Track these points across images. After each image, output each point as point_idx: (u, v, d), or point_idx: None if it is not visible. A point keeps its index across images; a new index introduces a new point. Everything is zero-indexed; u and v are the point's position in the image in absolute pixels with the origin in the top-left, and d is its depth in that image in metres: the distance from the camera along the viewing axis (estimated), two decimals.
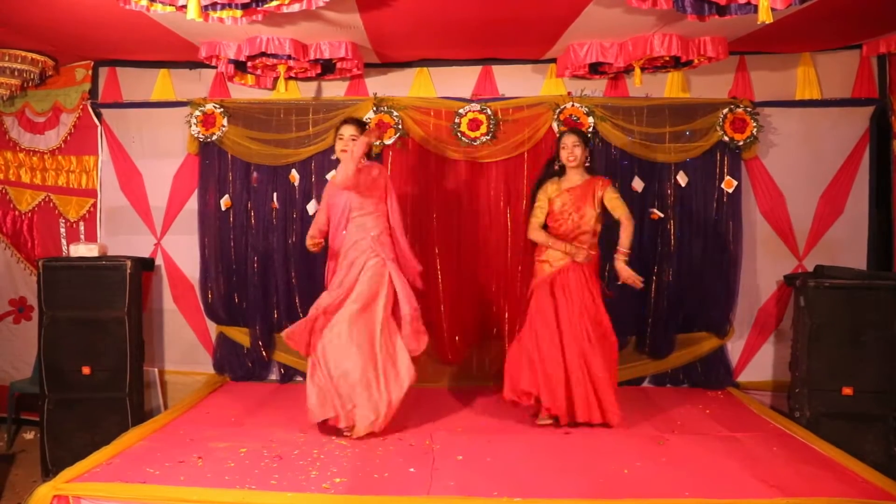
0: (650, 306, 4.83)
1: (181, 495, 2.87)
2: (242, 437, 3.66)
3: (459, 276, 4.87)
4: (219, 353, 5.00)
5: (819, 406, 4.03)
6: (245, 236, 4.92)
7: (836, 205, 4.80)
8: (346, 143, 3.83)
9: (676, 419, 4.11)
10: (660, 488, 3.03)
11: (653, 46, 4.15)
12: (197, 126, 4.82)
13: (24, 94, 5.05)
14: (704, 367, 4.87)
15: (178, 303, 5.04)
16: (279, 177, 4.88)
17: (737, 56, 4.76)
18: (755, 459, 3.40)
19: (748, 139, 4.69)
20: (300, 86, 4.96)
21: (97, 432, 4.06)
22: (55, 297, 4.22)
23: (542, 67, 4.89)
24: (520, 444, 3.65)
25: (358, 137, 3.81)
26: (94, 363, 4.21)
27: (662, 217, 4.79)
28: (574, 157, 3.98)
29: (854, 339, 4.03)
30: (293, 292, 4.90)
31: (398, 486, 3.05)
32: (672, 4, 3.34)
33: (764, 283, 4.87)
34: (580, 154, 3.99)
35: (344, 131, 3.88)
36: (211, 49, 4.33)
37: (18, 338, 5.06)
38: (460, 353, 4.88)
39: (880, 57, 4.73)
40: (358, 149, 3.74)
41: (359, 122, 4.01)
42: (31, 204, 5.13)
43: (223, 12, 3.44)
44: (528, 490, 2.99)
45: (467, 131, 4.76)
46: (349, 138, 3.83)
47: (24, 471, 4.30)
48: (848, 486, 3.04)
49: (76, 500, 2.86)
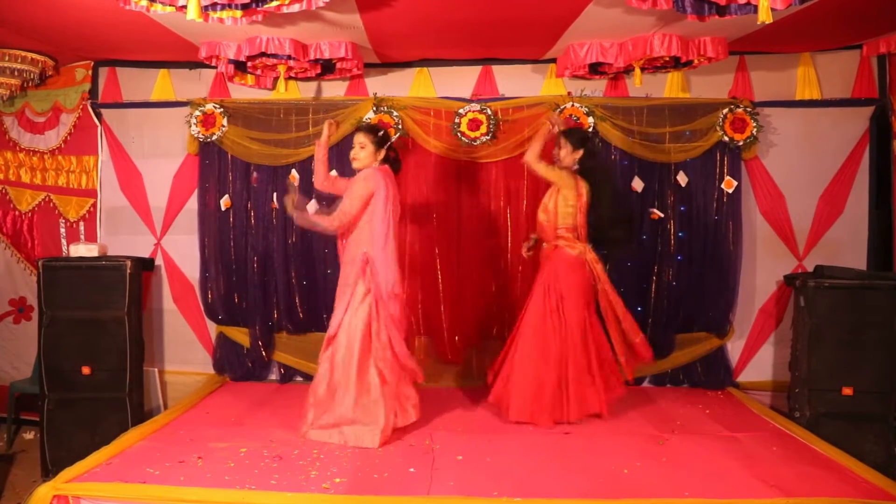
0: (650, 306, 4.83)
1: (181, 495, 2.88)
2: (242, 438, 3.66)
3: (459, 276, 4.87)
4: (219, 353, 5.00)
5: (819, 406, 4.03)
6: (245, 236, 4.92)
7: (836, 205, 4.80)
8: (355, 150, 3.85)
9: (676, 419, 4.11)
10: (660, 488, 3.04)
11: (653, 46, 4.14)
12: (197, 126, 4.82)
13: (24, 94, 5.05)
14: (704, 368, 4.87)
15: (177, 303, 5.04)
16: (279, 177, 4.88)
17: (737, 56, 4.76)
18: (755, 459, 3.40)
19: (748, 139, 4.69)
20: (300, 86, 4.96)
21: (97, 432, 4.07)
22: (55, 297, 4.22)
23: (542, 67, 4.89)
24: (520, 443, 3.65)
25: (367, 145, 3.81)
26: (93, 363, 4.21)
27: (662, 217, 4.79)
28: (556, 159, 3.98)
29: (854, 340, 4.03)
30: (293, 292, 4.90)
31: (398, 486, 3.05)
32: (672, 4, 3.34)
33: (764, 283, 4.87)
34: (558, 153, 3.98)
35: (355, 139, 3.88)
36: (211, 49, 4.33)
37: (18, 338, 5.07)
38: (460, 353, 4.87)
39: (880, 57, 4.73)
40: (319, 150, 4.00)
41: (371, 129, 3.92)
42: (31, 204, 5.13)
43: (223, 13, 3.44)
44: (528, 490, 3.00)
45: (467, 131, 4.76)
46: (358, 146, 3.84)
47: (23, 471, 4.30)
48: (848, 486, 3.04)
49: (76, 500, 2.87)
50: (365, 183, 3.71)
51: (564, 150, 3.99)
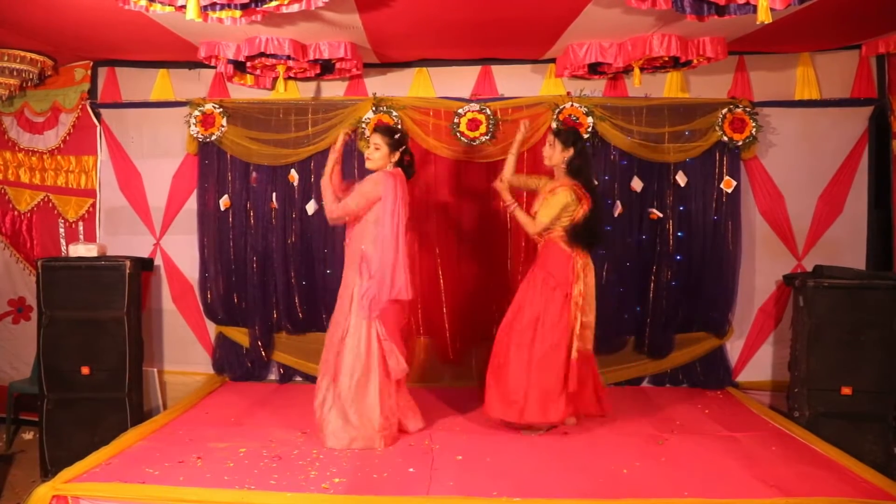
0: (649, 306, 4.83)
1: (180, 495, 2.88)
2: (242, 438, 3.66)
3: (460, 276, 4.87)
4: (218, 353, 5.00)
5: (818, 406, 4.03)
6: (244, 236, 4.92)
7: (835, 205, 4.81)
8: (370, 151, 3.78)
9: (676, 419, 4.12)
10: (659, 488, 3.04)
11: (652, 47, 4.14)
12: (196, 126, 4.81)
13: (23, 94, 5.04)
14: (704, 367, 4.87)
15: (177, 303, 5.04)
16: (278, 177, 4.88)
17: (736, 56, 4.76)
18: (754, 459, 3.41)
19: (747, 139, 4.69)
20: (299, 86, 4.96)
21: (96, 432, 4.06)
22: (54, 297, 4.21)
23: (542, 67, 4.89)
24: (519, 443, 3.66)
25: (381, 147, 3.74)
26: (93, 363, 4.20)
27: (661, 217, 4.79)
28: (546, 157, 3.94)
29: (853, 339, 4.03)
30: (292, 292, 4.90)
31: (397, 486, 3.05)
32: (671, 4, 3.33)
33: (763, 283, 4.87)
34: (549, 152, 3.90)
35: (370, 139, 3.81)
36: (210, 49, 4.33)
37: (17, 338, 5.06)
38: (460, 353, 4.87)
39: (879, 57, 4.73)
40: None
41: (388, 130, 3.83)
42: (31, 204, 5.12)
43: (222, 13, 3.44)
44: (528, 490, 3.00)
45: (466, 131, 4.75)
46: (373, 147, 3.77)
47: (23, 471, 4.29)
48: (847, 486, 3.05)
49: (75, 500, 2.87)
50: (375, 186, 3.67)
51: (552, 147, 3.93)
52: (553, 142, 3.90)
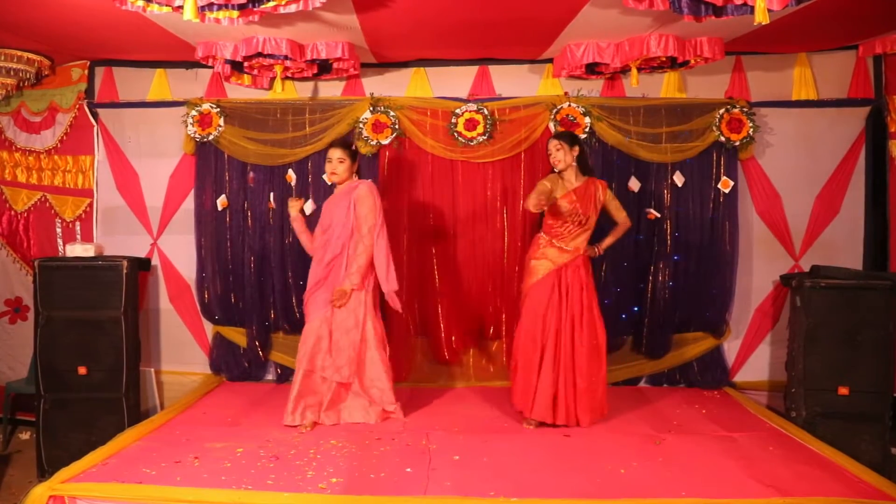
0: (646, 306, 4.83)
1: (177, 496, 2.87)
2: (239, 438, 3.66)
3: (456, 277, 4.87)
4: (215, 353, 5.00)
5: (815, 406, 4.04)
6: (242, 236, 4.92)
7: (832, 205, 4.82)
8: (333, 165, 4.02)
9: (673, 419, 4.12)
10: (656, 488, 3.04)
11: (649, 47, 4.15)
12: (193, 126, 4.81)
13: (20, 94, 5.04)
14: (701, 368, 4.88)
15: (174, 303, 5.03)
16: (276, 177, 4.88)
17: (733, 56, 4.77)
18: (751, 459, 3.41)
19: (744, 139, 4.70)
20: (297, 86, 4.96)
21: (93, 432, 4.05)
22: (51, 297, 4.20)
23: (539, 67, 4.89)
24: (517, 444, 3.66)
25: (345, 160, 4.00)
26: (90, 363, 4.19)
27: (659, 217, 4.80)
28: (558, 161, 3.95)
29: (850, 339, 4.04)
30: (290, 292, 4.89)
31: (395, 486, 3.05)
32: (668, 5, 3.33)
33: (760, 284, 4.88)
34: (563, 157, 3.93)
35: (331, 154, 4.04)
36: (207, 49, 4.32)
37: (14, 338, 5.05)
38: (457, 352, 4.88)
39: (876, 57, 4.74)
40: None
41: (346, 143, 4.13)
42: (28, 204, 5.12)
43: (220, 13, 3.43)
44: (525, 490, 3.00)
45: (464, 131, 4.76)
46: (337, 161, 4.01)
47: (19, 471, 4.29)
48: (844, 486, 3.05)
49: (72, 500, 2.86)
50: (373, 198, 3.97)
51: (562, 150, 3.95)
52: (559, 146, 3.94)
